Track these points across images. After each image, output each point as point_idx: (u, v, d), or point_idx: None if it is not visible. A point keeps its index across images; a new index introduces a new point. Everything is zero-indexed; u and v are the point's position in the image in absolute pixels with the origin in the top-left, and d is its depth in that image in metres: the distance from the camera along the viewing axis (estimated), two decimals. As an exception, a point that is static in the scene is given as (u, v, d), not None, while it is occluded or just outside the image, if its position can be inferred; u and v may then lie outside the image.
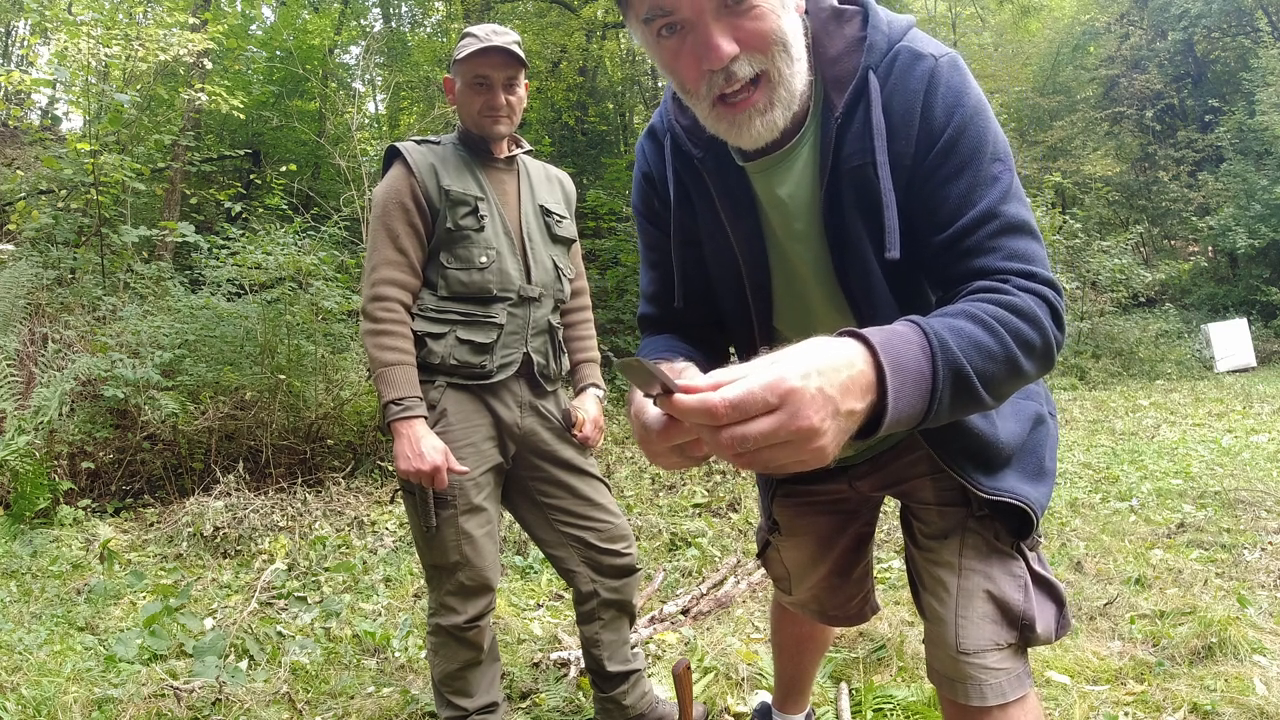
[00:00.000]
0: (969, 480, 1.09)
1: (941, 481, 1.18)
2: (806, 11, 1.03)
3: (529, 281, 1.91)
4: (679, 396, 0.71)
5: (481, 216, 1.86)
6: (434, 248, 1.86)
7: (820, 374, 0.70)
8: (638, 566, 2.04)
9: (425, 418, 1.76)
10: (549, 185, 2.06)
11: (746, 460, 0.71)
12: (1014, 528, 1.14)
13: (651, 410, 0.83)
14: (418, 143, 1.91)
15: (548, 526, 1.99)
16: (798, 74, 0.96)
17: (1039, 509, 1.11)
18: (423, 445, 1.71)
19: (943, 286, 1.01)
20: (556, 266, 1.98)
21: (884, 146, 0.98)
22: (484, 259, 1.85)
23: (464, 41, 1.86)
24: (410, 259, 1.83)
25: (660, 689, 2.25)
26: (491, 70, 1.84)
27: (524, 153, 2.02)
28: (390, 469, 5.03)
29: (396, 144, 1.89)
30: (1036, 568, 1.16)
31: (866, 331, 0.78)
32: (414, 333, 1.83)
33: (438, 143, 1.93)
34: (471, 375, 1.85)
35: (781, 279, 1.15)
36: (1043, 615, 1.13)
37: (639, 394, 0.84)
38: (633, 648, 2.11)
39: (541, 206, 1.98)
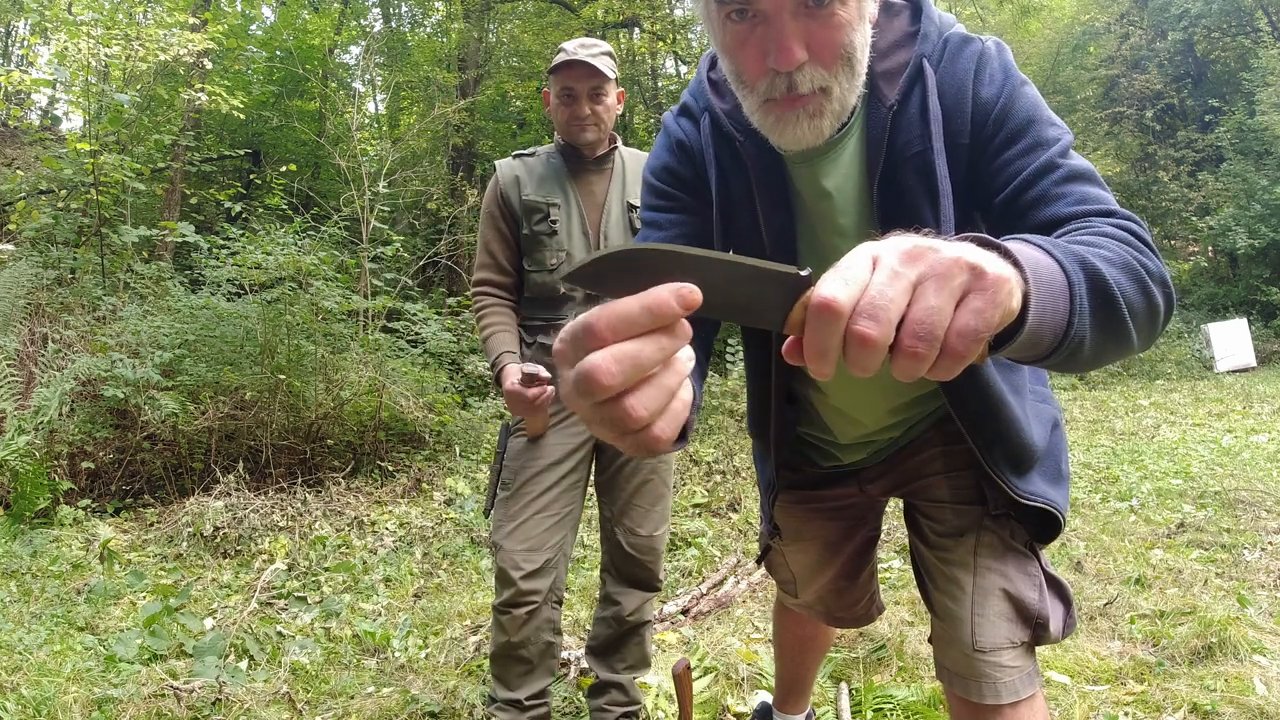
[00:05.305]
0: (1006, 483, 1.09)
1: (955, 479, 1.18)
2: None
3: None
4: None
5: (554, 222, 1.99)
6: (522, 252, 2.03)
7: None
8: (656, 584, 2.13)
9: (510, 365, 1.91)
10: None
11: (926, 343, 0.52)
12: (1034, 530, 1.14)
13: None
14: (515, 156, 2.10)
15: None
16: (854, 88, 0.94)
17: (1065, 513, 1.12)
18: (505, 385, 1.87)
19: None
20: None
21: (940, 133, 0.97)
22: (554, 261, 1.99)
23: (556, 56, 1.99)
24: (498, 260, 2.04)
25: (654, 677, 2.25)
26: (576, 82, 1.96)
27: (612, 150, 2.07)
28: (390, 469, 5.04)
29: (497, 161, 2.11)
30: (1047, 567, 1.17)
31: (969, 235, 0.61)
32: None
33: (533, 154, 2.09)
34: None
35: None
36: (1054, 614, 1.14)
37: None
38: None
39: (629, 203, 2.07)
